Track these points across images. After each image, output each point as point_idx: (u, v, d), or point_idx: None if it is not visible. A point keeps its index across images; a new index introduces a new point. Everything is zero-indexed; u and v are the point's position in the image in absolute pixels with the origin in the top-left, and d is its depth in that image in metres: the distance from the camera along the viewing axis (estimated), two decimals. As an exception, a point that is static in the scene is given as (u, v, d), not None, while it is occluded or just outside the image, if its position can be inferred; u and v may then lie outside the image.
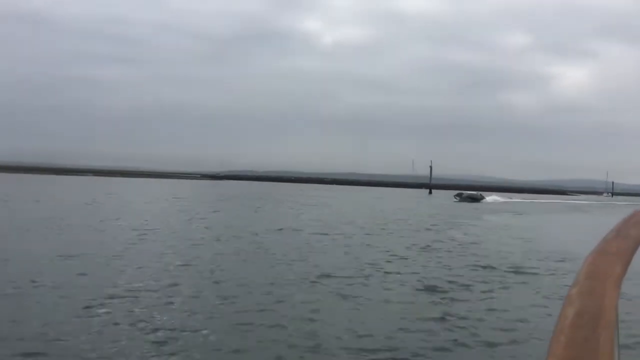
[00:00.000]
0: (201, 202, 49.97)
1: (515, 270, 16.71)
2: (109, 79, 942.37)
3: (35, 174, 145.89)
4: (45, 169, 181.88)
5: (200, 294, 11.88)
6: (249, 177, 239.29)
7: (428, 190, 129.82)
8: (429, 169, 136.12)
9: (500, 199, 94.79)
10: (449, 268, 16.70)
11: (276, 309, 10.80)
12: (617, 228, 1.06)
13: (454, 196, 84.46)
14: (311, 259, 17.26)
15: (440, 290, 13.20)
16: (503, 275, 15.69)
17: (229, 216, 35.15)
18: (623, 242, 0.96)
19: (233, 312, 10.43)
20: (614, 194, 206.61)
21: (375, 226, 30.91)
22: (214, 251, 18.22)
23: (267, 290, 12.44)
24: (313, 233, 25.26)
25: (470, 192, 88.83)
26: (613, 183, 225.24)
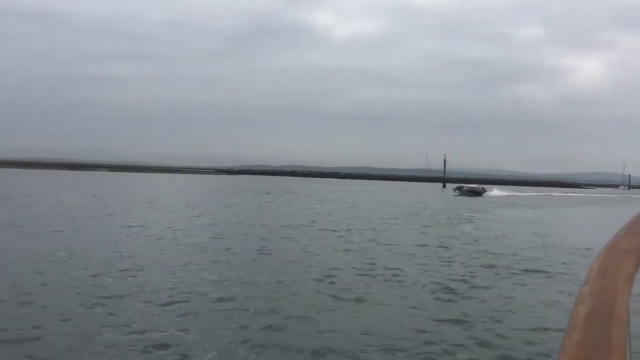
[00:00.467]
0: (210, 197, 49.77)
1: (530, 268, 16.08)
2: (123, 76, 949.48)
3: (52, 170, 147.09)
4: (60, 164, 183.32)
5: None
6: (262, 172, 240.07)
7: (442, 184, 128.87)
8: (443, 162, 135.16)
9: (504, 192, 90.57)
10: (462, 265, 16.13)
11: (279, 311, 10.38)
12: (629, 225, 1.04)
13: (454, 189, 79.87)
14: (320, 257, 16.80)
15: (453, 290, 12.62)
16: (518, 274, 15.06)
17: (237, 211, 34.80)
18: (635, 239, 0.95)
19: (232, 315, 10.02)
20: (630, 187, 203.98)
21: (386, 221, 30.42)
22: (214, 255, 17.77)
23: (272, 289, 12.03)
24: (322, 229, 24.81)
25: (471, 185, 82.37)
26: (630, 176, 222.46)
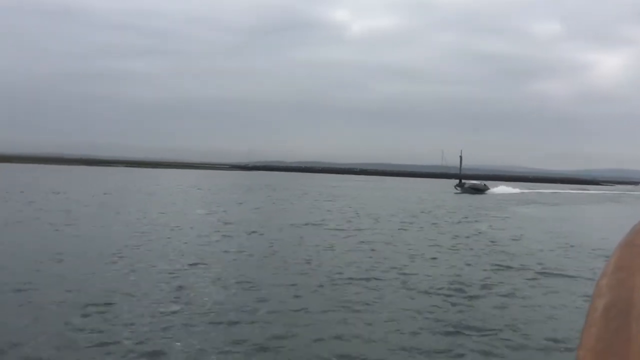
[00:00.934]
0: (224, 193, 49.59)
1: (548, 270, 15.53)
2: (140, 72, 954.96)
3: (69, 165, 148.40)
4: (78, 160, 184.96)
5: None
6: (278, 168, 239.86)
7: (458, 181, 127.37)
8: (459, 159, 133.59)
9: (516, 189, 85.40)
10: (476, 267, 15.63)
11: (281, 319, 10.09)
12: None
13: (455, 186, 75.02)
14: (331, 259, 16.49)
15: (467, 294, 12.17)
16: (535, 277, 14.49)
17: (250, 208, 34.57)
18: None
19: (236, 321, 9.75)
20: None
21: (399, 220, 30.00)
22: (225, 251, 17.51)
23: (282, 294, 11.74)
24: (334, 229, 24.50)
25: (473, 182, 77.58)
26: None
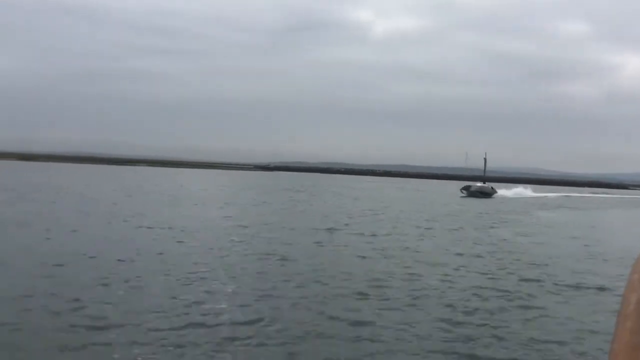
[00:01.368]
0: (247, 194, 49.17)
1: (577, 282, 14.59)
2: (162, 71, 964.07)
3: (91, 164, 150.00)
4: (99, 159, 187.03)
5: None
6: (300, 169, 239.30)
7: (482, 183, 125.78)
8: (483, 161, 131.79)
9: (530, 192, 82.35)
10: (497, 278, 14.70)
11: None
12: None
13: (461, 190, 71.11)
14: (349, 266, 15.79)
15: (487, 308, 11.35)
16: (560, 290, 13.50)
17: (269, 210, 34.05)
18: None
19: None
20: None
21: (419, 225, 29.16)
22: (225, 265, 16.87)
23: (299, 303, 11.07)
24: (354, 233, 23.82)
25: (480, 185, 72.71)
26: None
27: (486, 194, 67.79)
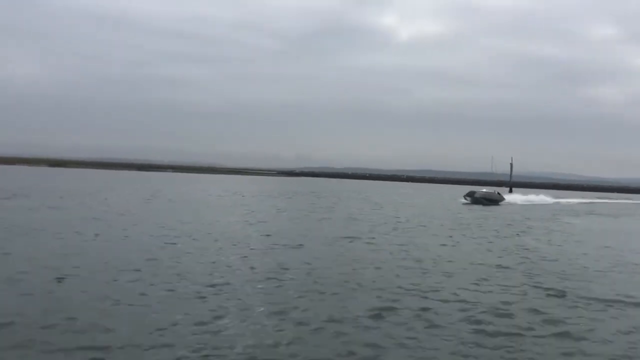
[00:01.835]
0: (270, 200, 49.14)
1: (611, 296, 13.75)
2: (188, 78, 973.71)
3: (121, 170, 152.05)
4: (126, 164, 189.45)
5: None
6: (325, 174, 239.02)
7: (508, 188, 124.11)
8: (510, 166, 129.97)
9: (545, 198, 77.02)
10: (522, 293, 13.91)
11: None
12: None
13: (464, 197, 63.75)
14: (372, 280, 15.50)
15: (511, 327, 10.65)
16: (590, 308, 12.56)
17: (294, 217, 33.93)
18: None
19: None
20: None
21: (443, 233, 28.70)
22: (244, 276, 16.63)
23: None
24: (375, 243, 23.51)
25: (486, 191, 65.60)
26: None
27: (493, 200, 62.45)
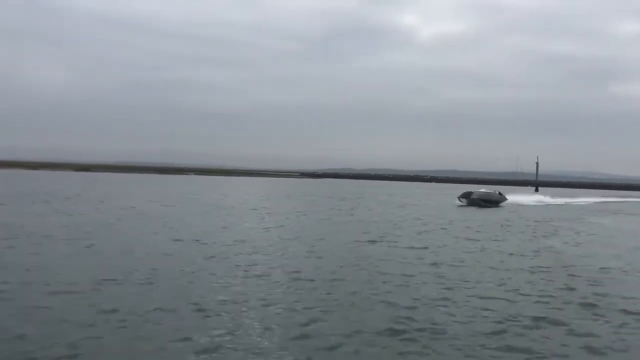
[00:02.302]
0: (290, 203, 48.74)
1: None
2: (208, 81, 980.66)
3: (143, 174, 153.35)
4: (150, 168, 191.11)
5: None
6: (347, 175, 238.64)
7: (534, 188, 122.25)
8: (535, 165, 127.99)
9: (548, 199, 69.28)
10: (547, 303, 12.89)
11: None
12: None
13: (459, 198, 56.19)
14: (396, 287, 14.88)
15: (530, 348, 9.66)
16: (629, 322, 11.47)
17: (311, 220, 33.43)
18: None
19: None
20: None
21: (466, 235, 27.85)
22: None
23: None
24: (398, 246, 22.85)
25: (483, 192, 58.01)
26: None
27: (492, 202, 55.44)
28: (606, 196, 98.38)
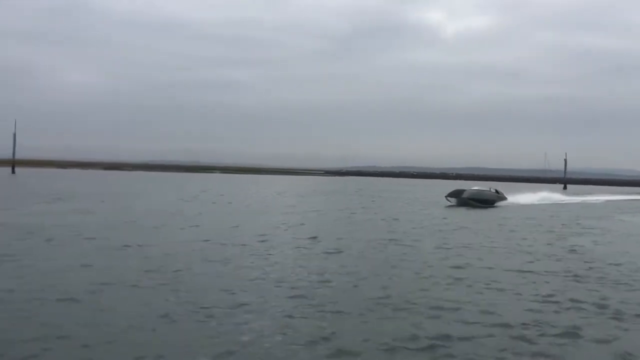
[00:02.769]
0: (312, 200, 48.59)
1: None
2: (235, 81, 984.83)
3: (171, 172, 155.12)
4: (178, 167, 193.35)
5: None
6: (372, 173, 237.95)
7: (563, 185, 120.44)
8: (564, 162, 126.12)
9: (566, 197, 64.45)
10: (574, 309, 11.80)
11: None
12: None
13: (446, 197, 48.48)
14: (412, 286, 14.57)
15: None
16: None
17: (332, 218, 33.22)
18: None
19: None
20: None
21: (485, 235, 27.33)
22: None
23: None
24: (416, 246, 22.52)
25: (477, 190, 48.94)
26: None
27: (486, 201, 46.86)
28: (631, 193, 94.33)
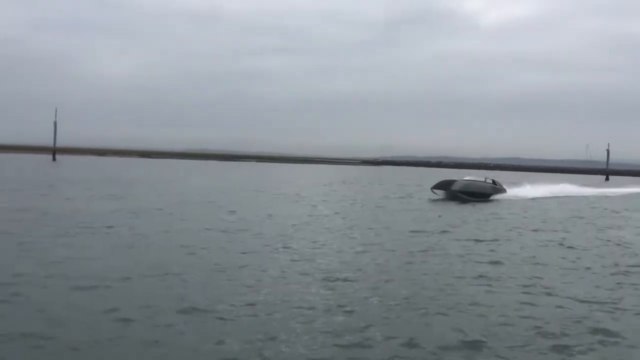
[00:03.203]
0: (344, 190, 48.17)
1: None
2: (274, 70, 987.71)
3: (207, 160, 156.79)
4: (214, 155, 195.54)
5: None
6: (408, 163, 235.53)
7: (605, 177, 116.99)
8: (606, 153, 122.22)
9: (573, 187, 57.25)
10: (619, 310, 11.02)
11: None
12: None
13: (432, 189, 41.51)
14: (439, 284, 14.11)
15: None
16: None
17: (361, 208, 32.82)
18: None
19: None
20: None
21: (523, 227, 26.51)
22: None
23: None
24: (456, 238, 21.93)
25: (469, 181, 41.20)
26: None
27: (480, 194, 39.76)
28: None
